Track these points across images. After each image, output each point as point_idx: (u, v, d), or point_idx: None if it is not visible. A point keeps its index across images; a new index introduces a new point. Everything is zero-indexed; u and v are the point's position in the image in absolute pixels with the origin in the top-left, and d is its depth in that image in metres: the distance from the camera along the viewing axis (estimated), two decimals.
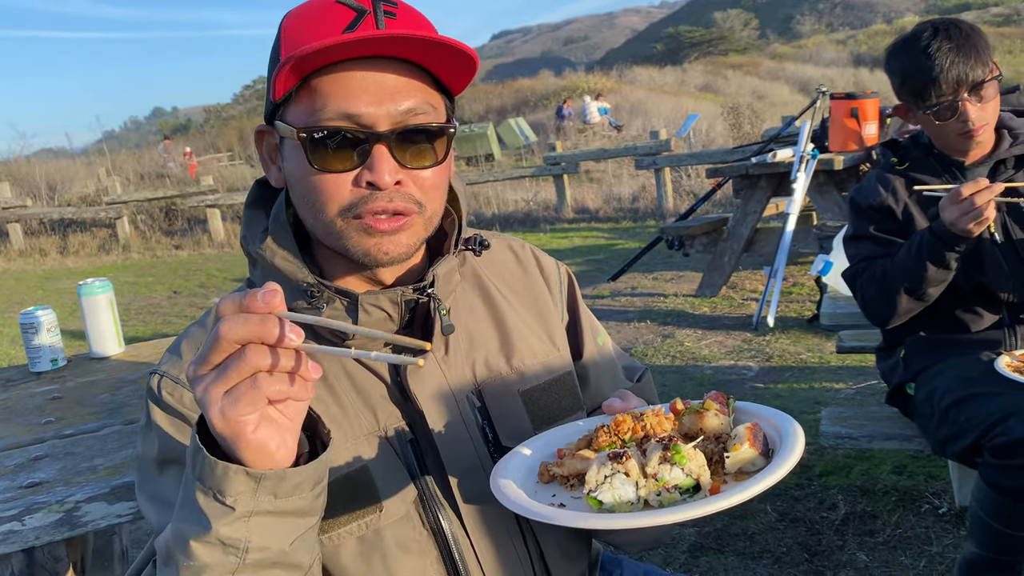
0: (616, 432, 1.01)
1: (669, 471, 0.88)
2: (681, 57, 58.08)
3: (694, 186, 12.87)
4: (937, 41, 2.13)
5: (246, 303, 0.76)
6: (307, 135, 1.00)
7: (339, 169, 1.02)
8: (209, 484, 0.81)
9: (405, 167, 1.03)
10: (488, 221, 13.25)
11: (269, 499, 0.82)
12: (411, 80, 1.03)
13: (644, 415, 1.02)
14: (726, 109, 18.35)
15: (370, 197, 1.02)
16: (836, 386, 4.45)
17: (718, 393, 1.04)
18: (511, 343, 1.22)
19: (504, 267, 1.31)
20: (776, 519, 3.01)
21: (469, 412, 1.15)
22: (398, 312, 1.09)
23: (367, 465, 1.08)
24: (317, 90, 1.01)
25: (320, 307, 1.07)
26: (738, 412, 1.05)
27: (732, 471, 0.93)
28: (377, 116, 1.00)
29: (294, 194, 1.08)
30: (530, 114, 30.69)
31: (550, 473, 1.03)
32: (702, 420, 1.01)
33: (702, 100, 29.08)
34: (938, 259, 2.12)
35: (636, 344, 5.68)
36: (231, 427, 0.78)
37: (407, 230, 1.05)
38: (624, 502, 0.89)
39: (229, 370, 0.76)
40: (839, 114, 5.93)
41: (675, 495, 0.89)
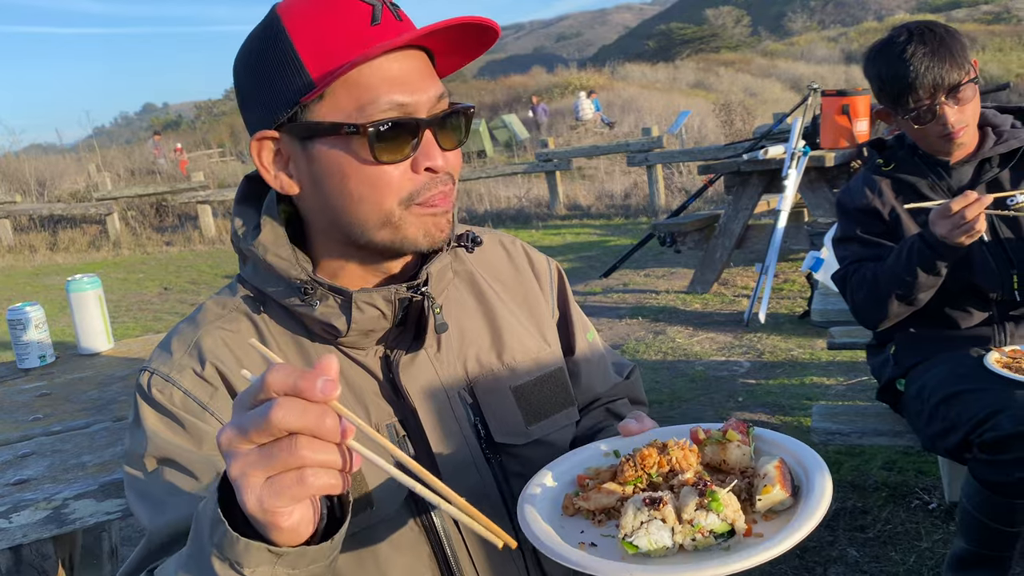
0: (642, 466, 1.00)
1: (705, 517, 0.89)
2: (673, 54, 58.13)
3: (686, 183, 12.89)
4: (912, 46, 2.13)
5: (302, 386, 0.71)
6: (374, 128, 0.99)
7: (397, 159, 1.02)
8: (227, 555, 0.78)
9: (445, 149, 1.05)
10: (480, 218, 13.24)
11: (287, 571, 0.80)
12: (430, 66, 1.06)
13: (668, 447, 1.01)
14: (718, 106, 18.38)
15: (431, 183, 1.04)
16: (827, 382, 4.46)
17: (738, 422, 1.04)
18: (502, 339, 1.22)
19: (495, 264, 1.31)
20: None
21: (461, 408, 1.15)
22: (392, 310, 1.09)
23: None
24: (359, 84, 0.99)
25: (313, 304, 1.06)
26: (758, 441, 1.05)
27: (761, 512, 0.93)
28: (419, 103, 1.02)
29: (332, 194, 1.04)
30: (523, 111, 30.65)
31: (575, 506, 1.02)
32: (725, 452, 1.01)
33: (694, 97, 29.12)
34: (928, 267, 2.13)
35: (628, 340, 5.69)
36: (268, 516, 0.74)
37: (452, 209, 1.09)
38: (660, 547, 0.89)
39: (276, 459, 0.72)
40: (830, 111, 5.94)
41: (710, 539, 0.89)
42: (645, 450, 1.02)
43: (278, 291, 1.09)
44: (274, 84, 1.01)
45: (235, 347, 1.09)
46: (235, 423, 0.74)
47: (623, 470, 1.01)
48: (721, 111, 17.27)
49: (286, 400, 0.71)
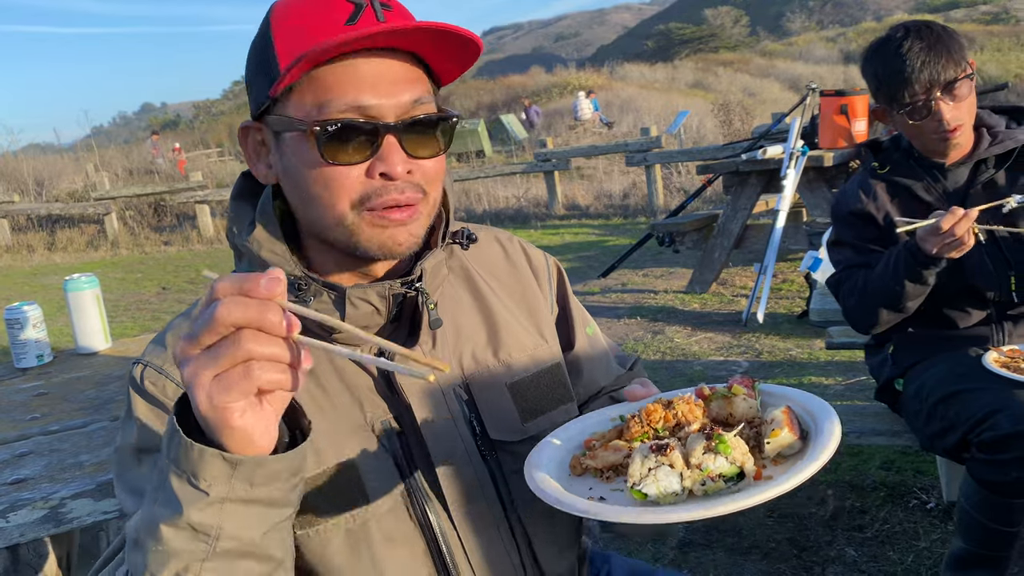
0: (648, 422, 1.00)
1: (713, 460, 0.88)
2: (672, 54, 58.16)
3: (684, 183, 12.90)
4: (908, 42, 2.13)
5: (247, 287, 0.74)
6: (321, 128, 0.99)
7: (351, 161, 1.01)
8: (184, 467, 0.79)
9: (413, 157, 1.03)
10: (479, 218, 13.25)
11: (244, 486, 0.80)
12: (411, 69, 1.04)
13: (674, 403, 1.01)
14: (716, 106, 18.39)
15: (383, 189, 1.02)
16: (825, 382, 4.46)
17: (744, 377, 1.04)
18: (498, 336, 1.22)
19: (492, 260, 1.30)
20: (765, 515, 3.02)
21: (456, 405, 1.15)
22: (386, 306, 1.09)
23: (354, 458, 1.08)
24: (323, 83, 0.99)
25: (307, 300, 1.06)
26: (764, 395, 1.05)
27: (771, 456, 0.93)
28: (385, 107, 1.00)
29: (295, 189, 1.06)
30: (522, 111, 30.66)
31: (583, 466, 1.02)
32: (731, 405, 1.01)
33: (693, 97, 29.13)
34: (915, 277, 2.14)
35: (626, 340, 5.69)
36: (217, 413, 0.76)
37: (415, 220, 1.05)
38: (669, 493, 0.89)
39: (222, 354, 0.74)
40: (829, 111, 5.95)
41: (720, 483, 0.88)
42: (650, 406, 1.02)
43: None
44: (257, 76, 1.04)
45: None
46: (186, 332, 0.76)
47: (629, 427, 1.02)
48: (720, 111, 17.28)
49: (230, 298, 0.74)
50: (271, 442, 0.81)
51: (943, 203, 2.26)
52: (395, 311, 1.11)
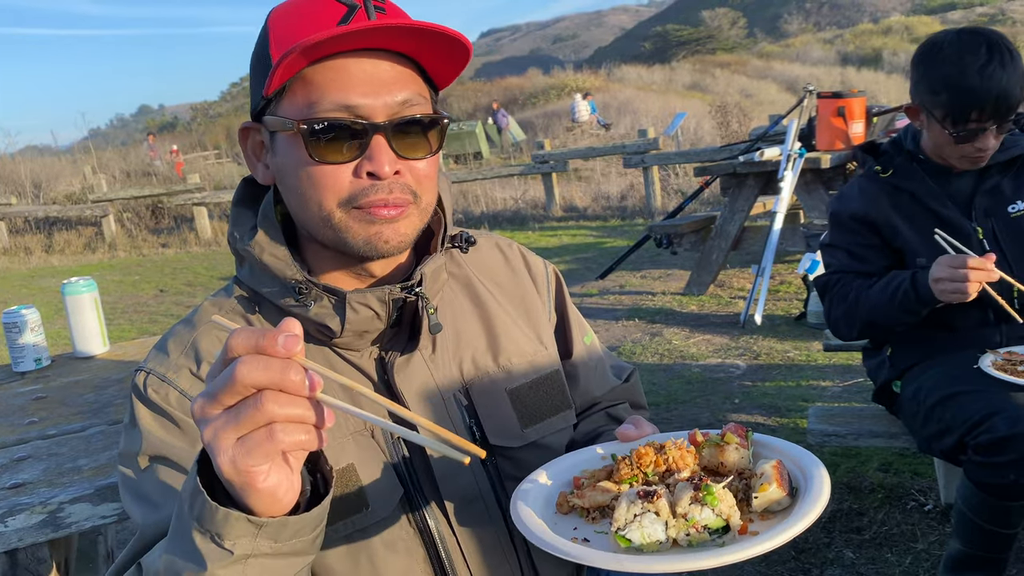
0: (638, 464, 1.00)
1: (700, 511, 0.88)
2: (669, 55, 58.20)
3: (682, 184, 12.90)
4: (992, 67, 2.04)
5: (264, 345, 0.72)
6: (307, 127, 1.00)
7: (339, 160, 1.01)
8: (207, 527, 0.78)
9: (402, 158, 1.04)
10: (477, 220, 13.24)
11: (268, 543, 0.80)
12: (404, 70, 1.04)
13: (666, 447, 1.01)
14: (714, 108, 18.39)
15: (371, 188, 1.02)
16: (823, 384, 4.46)
17: (737, 426, 1.03)
18: (498, 341, 1.22)
19: (492, 266, 1.31)
20: None
21: (456, 411, 1.15)
22: (386, 311, 1.09)
23: (353, 464, 1.08)
24: (312, 82, 1.01)
25: (308, 304, 1.07)
26: (757, 445, 1.04)
27: (758, 511, 0.93)
28: (374, 107, 1.01)
29: (287, 189, 1.07)
30: (519, 112, 30.67)
31: (569, 504, 1.02)
32: (723, 454, 1.00)
33: (690, 98, 29.14)
34: (910, 311, 2.16)
35: (624, 342, 5.69)
36: (242, 477, 0.74)
37: (405, 219, 1.06)
38: (653, 541, 0.88)
39: (244, 416, 0.72)
40: (826, 113, 5.96)
41: (704, 535, 0.88)
42: (642, 449, 1.01)
43: (273, 291, 1.09)
44: (255, 78, 1.06)
45: None
46: (205, 391, 0.74)
47: (619, 468, 1.01)
48: (717, 113, 17.28)
49: (249, 357, 0.72)
50: (295, 496, 0.80)
51: (949, 209, 2.26)
52: (395, 315, 1.11)
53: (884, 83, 32.93)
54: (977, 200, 2.26)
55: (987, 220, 2.26)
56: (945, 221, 2.25)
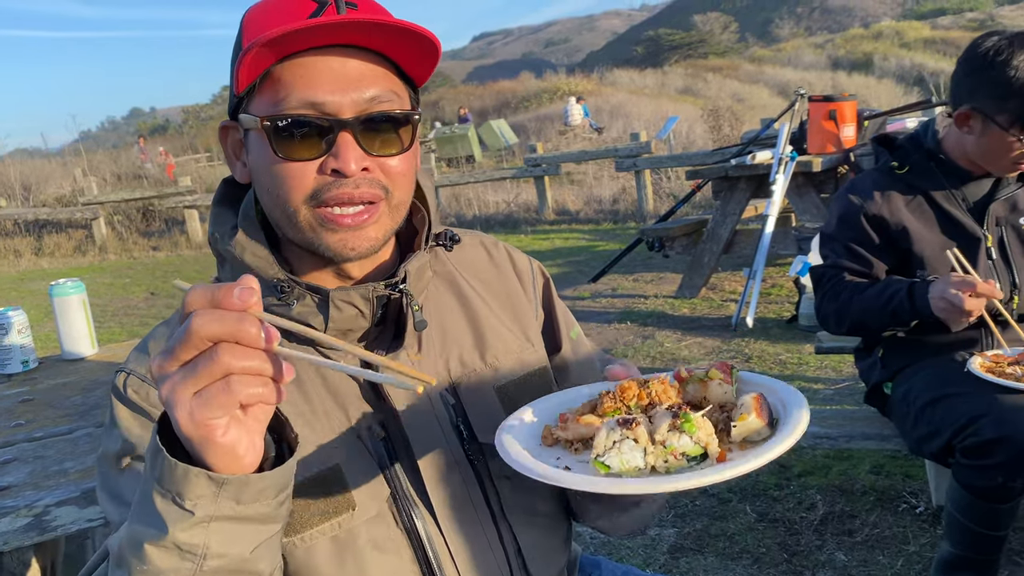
0: (621, 398, 1.01)
1: (678, 438, 0.89)
2: (661, 60, 58.38)
3: (674, 188, 12.93)
4: None
5: (219, 297, 0.72)
6: (271, 124, 1.00)
7: (304, 157, 1.01)
8: (168, 487, 0.78)
9: (371, 154, 1.03)
10: (469, 222, 13.24)
11: (231, 504, 0.79)
12: (375, 68, 1.03)
13: (650, 382, 1.02)
14: (706, 111, 18.44)
15: (335, 184, 1.01)
16: (815, 386, 4.47)
17: (722, 363, 1.04)
18: (485, 339, 1.21)
19: (477, 264, 1.30)
20: (755, 519, 3.02)
21: (443, 409, 1.14)
22: (370, 308, 1.08)
23: (339, 464, 1.07)
24: (280, 79, 1.00)
25: (291, 303, 1.06)
26: (741, 382, 1.05)
27: (737, 440, 0.93)
28: (341, 104, 1.00)
29: (259, 187, 1.07)
30: (511, 116, 30.70)
31: (554, 436, 1.02)
32: (706, 389, 1.01)
33: (682, 102, 29.21)
34: (902, 320, 2.17)
35: (616, 345, 5.69)
36: (200, 431, 0.74)
37: (373, 223, 1.04)
38: (632, 467, 0.89)
39: (200, 370, 0.72)
40: (817, 116, 5.98)
41: (683, 462, 0.89)
42: (625, 383, 1.02)
43: None
44: (231, 77, 1.05)
45: None
46: (162, 348, 0.74)
47: (603, 402, 1.02)
48: (709, 116, 17.33)
49: (204, 310, 0.72)
50: (257, 457, 0.79)
51: (963, 213, 2.25)
52: (379, 314, 1.10)
53: (875, 87, 33.09)
54: (992, 207, 2.25)
55: (998, 228, 2.26)
56: (957, 224, 2.24)
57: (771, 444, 0.88)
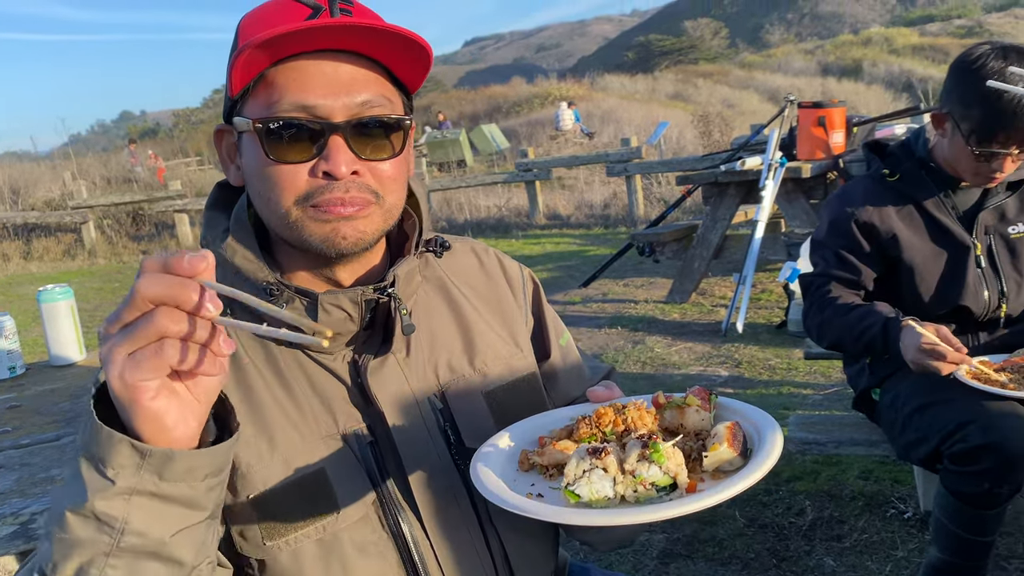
0: (597, 424, 1.01)
1: (647, 468, 0.88)
2: (652, 65, 58.56)
3: (665, 193, 12.96)
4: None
5: (170, 263, 0.73)
6: (263, 126, 1.01)
7: (295, 160, 1.02)
8: (93, 451, 0.77)
9: (362, 158, 1.04)
10: (460, 227, 13.24)
11: (153, 479, 0.78)
12: (367, 72, 1.04)
13: (626, 408, 1.02)
14: (696, 117, 18.51)
15: (327, 187, 1.02)
16: (804, 392, 4.49)
17: (701, 388, 1.04)
18: (474, 345, 1.22)
19: (467, 270, 1.30)
20: (745, 525, 3.03)
21: (431, 414, 1.15)
22: (358, 312, 1.08)
23: (324, 467, 1.07)
24: (273, 83, 1.01)
25: (281, 306, 1.06)
26: (720, 409, 1.04)
27: (709, 470, 0.93)
28: (333, 108, 1.01)
29: (252, 189, 1.08)
30: (503, 120, 30.74)
31: (530, 461, 1.02)
32: (683, 415, 1.01)
33: (673, 108, 29.31)
34: (876, 353, 2.21)
35: (607, 350, 5.70)
36: (128, 392, 0.74)
37: (365, 218, 1.05)
38: (601, 497, 0.89)
39: (136, 331, 0.72)
40: (807, 123, 6.01)
41: (652, 492, 0.89)
42: (602, 409, 1.02)
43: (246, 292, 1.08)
44: (227, 79, 1.06)
45: None
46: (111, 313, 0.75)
47: (579, 427, 1.02)
48: (699, 122, 17.39)
49: (152, 274, 0.73)
50: (189, 436, 0.79)
51: (953, 221, 2.26)
52: (368, 317, 1.11)
53: (864, 94, 33.28)
54: (981, 216, 2.27)
55: (987, 237, 2.27)
56: (946, 232, 2.26)
57: (741, 475, 0.87)
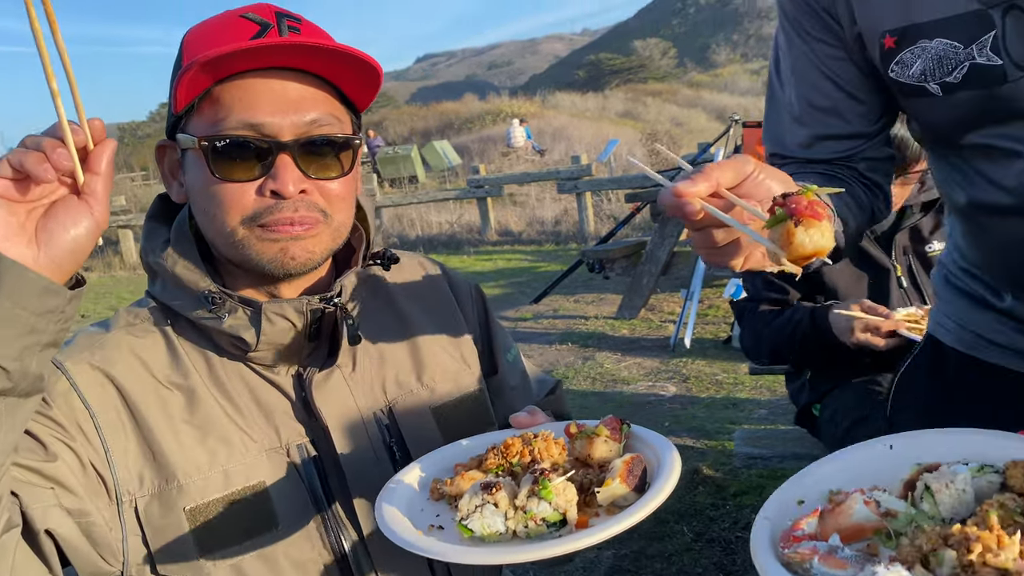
0: (505, 455, 1.00)
1: (537, 504, 0.89)
2: (602, 83, 59.30)
3: (615, 210, 13.08)
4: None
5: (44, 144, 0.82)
6: (209, 144, 1.00)
7: (242, 178, 1.01)
8: None
9: (310, 177, 1.03)
10: (412, 243, 13.19)
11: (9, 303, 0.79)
12: (315, 91, 1.04)
13: (536, 438, 1.02)
14: (645, 135, 18.78)
15: (275, 207, 1.01)
16: (750, 406, 4.55)
17: (613, 418, 1.04)
18: (422, 360, 1.22)
19: (415, 285, 1.30)
20: (692, 539, 3.05)
21: (376, 430, 1.14)
22: (303, 322, 1.07)
23: (265, 483, 1.06)
24: (220, 100, 1.00)
25: (222, 316, 1.04)
26: (632, 439, 1.04)
27: (604, 504, 0.92)
28: (281, 126, 1.00)
29: (196, 206, 1.06)
30: (455, 137, 30.77)
31: (439, 491, 1.02)
32: (591, 446, 1.00)
33: (622, 126, 29.67)
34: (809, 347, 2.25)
35: (557, 366, 5.71)
36: None
37: (314, 237, 1.04)
38: (493, 532, 0.89)
39: None
40: (751, 141, 6.13)
41: (542, 527, 0.89)
42: (509, 440, 1.02)
43: (185, 304, 1.07)
44: (170, 95, 1.05)
45: (141, 353, 1.07)
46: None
47: (488, 457, 1.02)
48: (648, 140, 17.64)
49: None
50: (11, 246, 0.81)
51: (872, 244, 2.33)
52: (314, 328, 1.09)
53: None
54: (897, 237, 2.35)
55: (906, 257, 2.36)
56: (867, 255, 2.34)
57: (631, 511, 0.87)
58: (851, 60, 1.14)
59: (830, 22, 1.12)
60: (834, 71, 1.15)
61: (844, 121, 1.17)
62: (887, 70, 1.09)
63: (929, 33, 1.03)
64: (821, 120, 1.17)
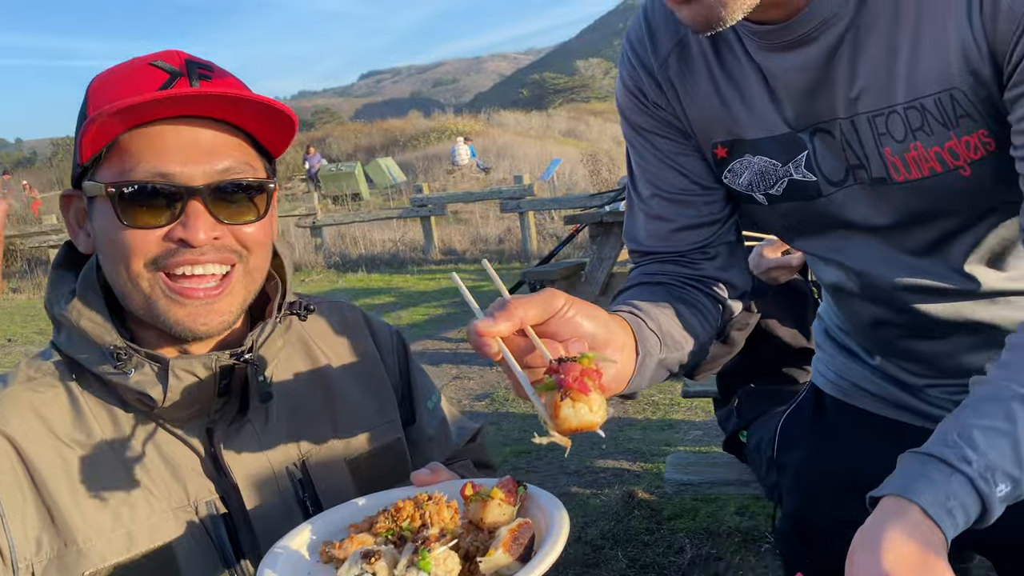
0: (396, 519, 0.98)
1: (415, 575, 0.87)
2: (546, 102, 59.84)
3: (558, 229, 13.16)
4: None
5: None
6: (116, 190, 0.97)
7: (150, 224, 0.99)
8: None
9: (222, 223, 1.01)
10: (354, 262, 13.08)
11: None
12: (228, 138, 1.02)
13: (429, 500, 1.00)
14: (585, 156, 18.96)
15: (177, 251, 0.99)
16: (686, 428, 4.61)
17: (510, 479, 1.01)
18: (337, 411, 1.20)
19: (333, 333, 1.28)
20: (627, 565, 3.07)
21: (288, 485, 1.11)
22: (213, 378, 1.05)
23: (171, 543, 1.02)
24: (128, 149, 0.98)
25: (128, 371, 1.01)
26: (529, 500, 1.02)
27: (488, 574, 0.91)
28: (192, 175, 0.99)
29: (103, 255, 1.04)
30: (399, 154, 30.69)
31: (328, 554, 0.99)
32: (484, 509, 0.98)
33: (566, 145, 29.97)
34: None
35: (497, 389, 5.71)
36: None
37: (227, 295, 1.02)
38: None
39: None
40: None
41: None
42: (400, 502, 1.00)
43: (91, 358, 1.04)
44: (76, 145, 1.02)
45: (42, 409, 1.03)
46: None
47: (377, 520, 1.00)
48: (588, 161, 17.82)
49: None
50: None
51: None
52: (224, 384, 1.07)
53: None
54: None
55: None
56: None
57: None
58: (697, 154, 1.21)
59: (672, 120, 1.20)
60: (680, 164, 1.22)
61: (695, 210, 1.23)
62: (721, 175, 1.20)
63: (752, 150, 1.14)
64: (674, 212, 1.23)
